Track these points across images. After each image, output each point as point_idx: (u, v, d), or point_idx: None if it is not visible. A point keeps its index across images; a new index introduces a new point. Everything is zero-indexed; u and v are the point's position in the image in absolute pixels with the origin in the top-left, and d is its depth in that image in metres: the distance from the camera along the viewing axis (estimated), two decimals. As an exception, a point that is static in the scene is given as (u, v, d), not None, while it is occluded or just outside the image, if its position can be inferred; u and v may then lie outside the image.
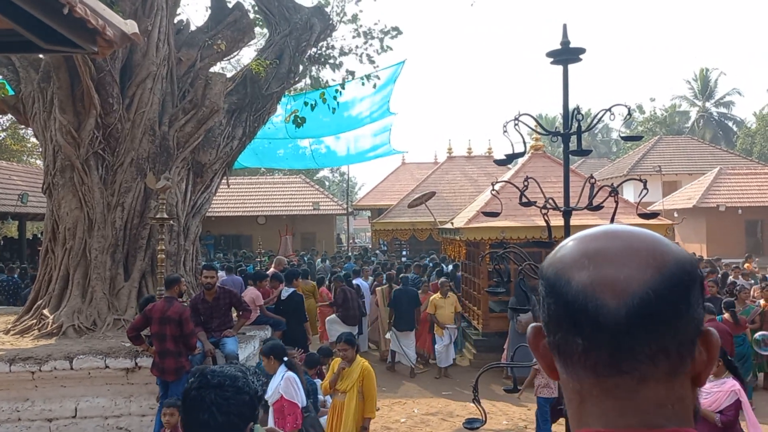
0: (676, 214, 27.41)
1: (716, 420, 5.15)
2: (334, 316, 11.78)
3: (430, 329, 11.47)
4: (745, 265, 16.58)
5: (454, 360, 11.47)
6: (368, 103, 18.96)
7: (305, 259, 21.66)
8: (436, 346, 11.16)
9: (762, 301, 10.10)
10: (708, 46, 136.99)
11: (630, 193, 27.45)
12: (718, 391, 5.10)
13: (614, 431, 0.77)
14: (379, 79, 12.72)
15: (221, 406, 1.73)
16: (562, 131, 3.28)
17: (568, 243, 0.85)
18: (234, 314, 8.24)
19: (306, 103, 11.80)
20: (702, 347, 0.79)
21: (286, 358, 6.04)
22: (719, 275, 13.21)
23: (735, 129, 50.50)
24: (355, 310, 11.76)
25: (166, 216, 8.08)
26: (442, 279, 11.88)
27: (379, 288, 12.94)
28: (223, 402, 1.72)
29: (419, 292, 12.11)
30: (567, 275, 0.80)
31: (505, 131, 3.28)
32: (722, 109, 52.90)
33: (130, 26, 3.59)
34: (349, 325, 11.43)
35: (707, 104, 52.62)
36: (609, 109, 3.31)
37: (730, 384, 5.22)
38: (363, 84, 12.80)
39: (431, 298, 11.34)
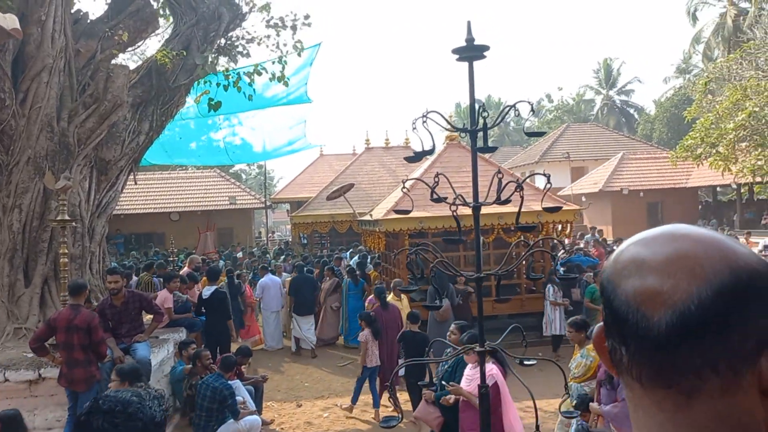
0: (584, 198, 28.70)
1: (476, 403, 5.40)
2: None
3: None
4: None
5: None
6: (283, 86, 18.61)
7: (226, 255, 21.15)
8: None
9: None
10: (611, 36, 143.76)
11: (542, 180, 28.45)
12: (478, 376, 5.25)
13: None
14: (285, 67, 12.38)
15: None
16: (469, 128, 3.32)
17: (626, 246, 0.81)
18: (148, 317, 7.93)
19: (218, 84, 11.39)
20: None
21: None
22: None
23: (636, 116, 53.31)
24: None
25: (68, 217, 7.64)
26: (396, 279, 10.65)
27: (288, 279, 12.81)
28: (111, 428, 1.63)
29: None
30: (614, 282, 0.78)
31: (414, 128, 3.28)
32: (624, 97, 55.76)
33: (10, 21, 3.30)
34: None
35: (611, 92, 55.29)
36: (513, 106, 3.38)
37: (488, 368, 5.47)
38: (273, 81, 12.49)
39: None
